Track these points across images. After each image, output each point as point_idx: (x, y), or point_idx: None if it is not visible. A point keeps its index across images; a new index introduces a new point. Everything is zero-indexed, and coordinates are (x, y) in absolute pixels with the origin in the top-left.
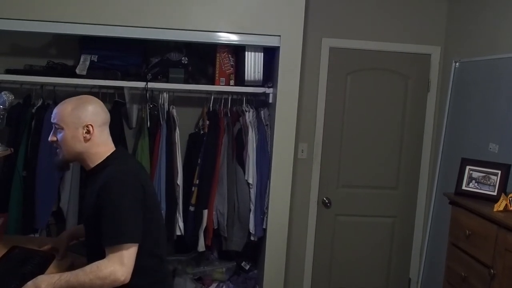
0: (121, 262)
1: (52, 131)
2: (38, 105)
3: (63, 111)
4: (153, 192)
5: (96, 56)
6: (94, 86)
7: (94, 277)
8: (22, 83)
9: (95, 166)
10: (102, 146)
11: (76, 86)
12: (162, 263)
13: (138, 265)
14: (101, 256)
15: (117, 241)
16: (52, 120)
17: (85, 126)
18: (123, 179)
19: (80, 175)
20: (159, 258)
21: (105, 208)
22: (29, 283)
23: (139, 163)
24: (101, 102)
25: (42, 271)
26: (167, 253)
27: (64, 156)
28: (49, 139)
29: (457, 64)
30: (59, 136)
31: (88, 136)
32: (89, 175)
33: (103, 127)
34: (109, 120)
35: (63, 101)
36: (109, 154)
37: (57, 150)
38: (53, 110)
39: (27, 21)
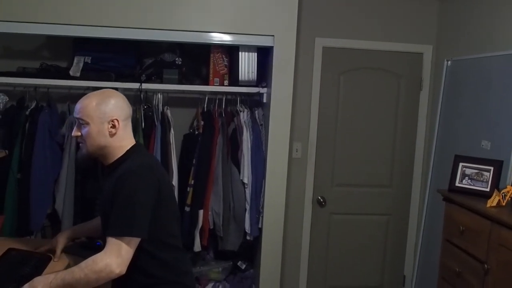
0: (117, 254)
1: (75, 125)
2: (32, 107)
3: (87, 106)
4: (169, 185)
5: (90, 58)
6: (88, 88)
7: (89, 271)
8: (15, 85)
9: (114, 161)
10: (125, 140)
11: (70, 88)
12: (184, 254)
13: (161, 259)
14: None
15: (121, 233)
16: (75, 115)
17: (111, 121)
18: (140, 172)
19: (75, 177)
20: (179, 249)
21: (117, 199)
22: (26, 285)
23: (155, 157)
24: (123, 96)
25: (39, 273)
26: None
27: (88, 151)
28: (73, 134)
29: (449, 62)
30: (84, 131)
31: (113, 130)
32: (108, 169)
33: (126, 121)
34: (131, 114)
35: (85, 96)
36: (129, 147)
37: (80, 145)
38: (46, 112)
39: (20, 23)
